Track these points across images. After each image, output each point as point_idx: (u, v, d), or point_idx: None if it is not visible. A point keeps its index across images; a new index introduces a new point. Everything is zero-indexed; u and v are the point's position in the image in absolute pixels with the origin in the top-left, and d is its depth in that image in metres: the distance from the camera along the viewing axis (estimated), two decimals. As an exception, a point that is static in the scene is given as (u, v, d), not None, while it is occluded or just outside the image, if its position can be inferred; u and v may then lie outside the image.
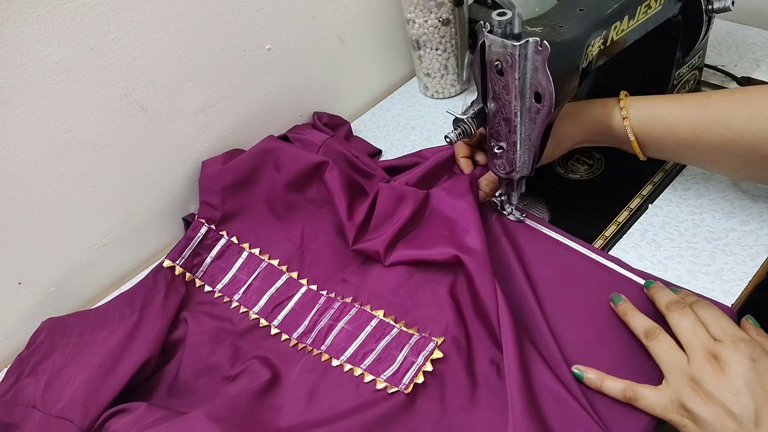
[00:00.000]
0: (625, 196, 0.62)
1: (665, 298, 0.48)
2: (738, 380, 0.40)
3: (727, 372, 0.41)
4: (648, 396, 0.44)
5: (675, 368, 0.44)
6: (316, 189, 0.65)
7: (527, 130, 0.51)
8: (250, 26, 0.65)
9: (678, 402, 0.42)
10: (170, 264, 0.60)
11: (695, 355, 0.43)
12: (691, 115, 0.52)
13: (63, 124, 0.55)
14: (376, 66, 0.82)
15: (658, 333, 0.46)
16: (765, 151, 0.49)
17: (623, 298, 0.51)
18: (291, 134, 0.72)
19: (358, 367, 0.51)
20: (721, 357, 0.42)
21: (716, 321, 0.45)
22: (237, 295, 0.60)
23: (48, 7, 0.50)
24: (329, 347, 0.54)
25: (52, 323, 0.57)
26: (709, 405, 0.41)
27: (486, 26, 0.47)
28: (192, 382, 0.54)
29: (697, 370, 0.42)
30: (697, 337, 0.44)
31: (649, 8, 0.54)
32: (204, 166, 0.66)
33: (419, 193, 0.60)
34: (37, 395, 0.52)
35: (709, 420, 0.40)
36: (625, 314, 0.49)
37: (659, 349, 0.45)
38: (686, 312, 0.46)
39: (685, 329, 0.45)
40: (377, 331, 0.54)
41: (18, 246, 0.58)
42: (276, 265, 0.61)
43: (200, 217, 0.63)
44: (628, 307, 0.50)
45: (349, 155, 0.68)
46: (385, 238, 0.59)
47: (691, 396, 0.42)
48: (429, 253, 0.57)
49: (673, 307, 0.47)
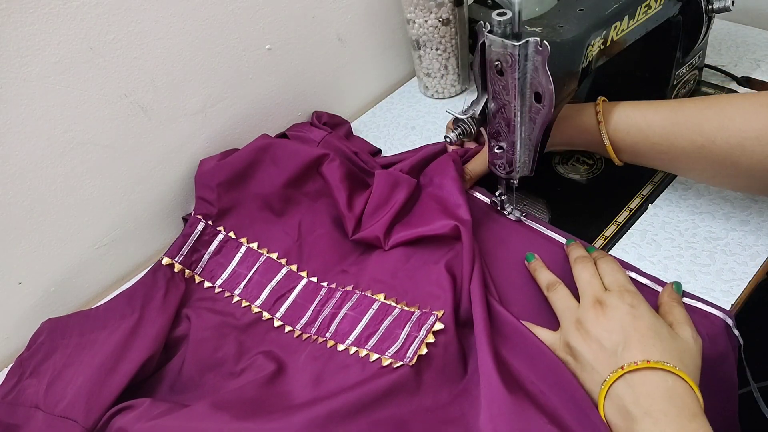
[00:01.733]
0: (625, 196, 0.62)
1: (575, 254, 0.53)
2: (614, 321, 0.45)
3: (607, 315, 0.46)
4: (541, 335, 0.49)
5: (566, 313, 0.49)
6: (312, 182, 0.65)
7: (527, 130, 0.51)
8: (250, 26, 0.65)
9: (565, 341, 0.47)
10: (169, 261, 0.60)
11: (585, 301, 0.48)
12: (663, 121, 0.53)
13: (63, 124, 0.55)
14: (376, 66, 0.82)
15: (558, 285, 0.51)
16: (736, 158, 0.49)
17: (536, 257, 0.56)
18: (290, 132, 0.72)
19: (363, 348, 0.52)
20: (605, 303, 0.47)
21: (612, 273, 0.50)
22: (238, 290, 0.60)
23: (48, 7, 0.50)
24: (334, 333, 0.54)
25: (52, 324, 0.57)
26: (587, 341, 0.45)
27: (486, 26, 0.47)
28: (197, 378, 0.54)
29: (583, 313, 0.47)
30: (590, 287, 0.49)
31: (649, 8, 0.54)
32: (201, 163, 0.66)
33: (411, 180, 0.62)
34: (39, 396, 0.52)
35: (585, 354, 0.45)
36: (534, 270, 0.55)
37: (556, 297, 0.51)
38: (588, 265, 0.51)
39: (583, 279, 0.50)
40: (379, 314, 0.54)
41: (18, 246, 0.58)
42: (275, 258, 0.61)
43: (197, 213, 0.63)
44: (538, 264, 0.55)
45: (348, 152, 0.68)
46: (383, 222, 0.59)
47: (574, 334, 0.46)
48: (429, 228, 0.58)
49: (579, 260, 0.52)
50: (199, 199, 0.64)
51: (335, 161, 0.63)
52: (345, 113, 0.79)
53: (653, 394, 0.41)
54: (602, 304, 0.46)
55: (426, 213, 0.60)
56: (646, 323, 0.45)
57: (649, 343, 0.43)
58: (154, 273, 0.59)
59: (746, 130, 0.48)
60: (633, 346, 0.43)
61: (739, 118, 0.49)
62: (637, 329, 0.44)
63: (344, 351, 0.52)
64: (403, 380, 0.48)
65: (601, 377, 0.43)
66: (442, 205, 0.60)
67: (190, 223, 0.62)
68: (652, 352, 0.43)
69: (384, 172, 0.63)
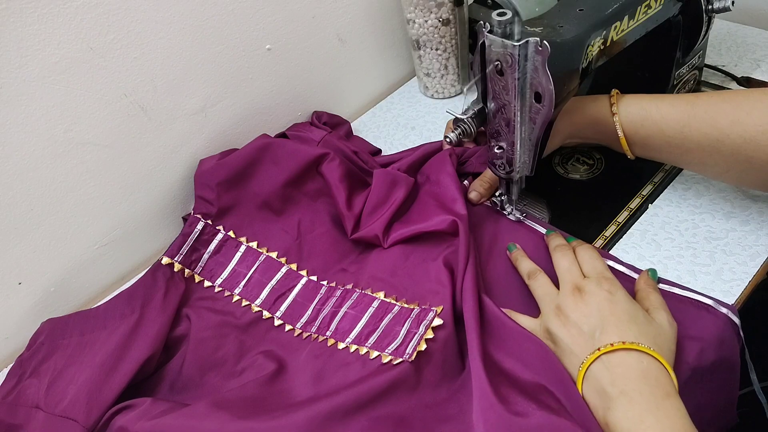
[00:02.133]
0: (625, 196, 0.62)
1: (554, 243, 0.54)
2: (592, 307, 0.46)
3: (586, 301, 0.47)
4: (523, 322, 0.50)
5: (546, 299, 0.50)
6: (312, 181, 0.65)
7: (527, 130, 0.51)
8: (250, 26, 0.65)
9: (545, 327, 0.48)
10: (168, 261, 0.60)
11: (564, 288, 0.49)
12: (679, 114, 0.53)
13: (63, 124, 0.55)
14: (376, 66, 0.82)
15: (538, 273, 0.52)
16: (750, 153, 0.49)
17: (517, 246, 0.57)
18: (289, 132, 0.72)
19: (363, 346, 0.52)
20: (583, 289, 0.48)
21: (590, 261, 0.51)
22: (238, 289, 0.60)
23: (48, 7, 0.50)
24: (334, 332, 0.54)
25: (52, 324, 0.57)
26: (566, 326, 0.46)
27: (486, 26, 0.47)
28: (197, 378, 0.54)
29: (562, 300, 0.48)
30: (570, 274, 0.50)
31: (649, 8, 0.54)
32: (200, 163, 0.66)
33: (409, 179, 0.63)
34: (39, 396, 0.52)
35: (564, 339, 0.46)
36: (515, 260, 0.55)
37: (536, 284, 0.52)
38: (567, 253, 0.52)
39: (562, 266, 0.51)
40: (379, 311, 0.54)
41: (18, 246, 0.58)
42: (275, 257, 0.61)
43: (196, 213, 0.63)
44: (520, 254, 0.56)
45: (348, 151, 0.68)
46: (381, 221, 0.60)
47: (554, 320, 0.47)
48: (428, 224, 0.58)
49: (558, 249, 0.53)
50: (198, 198, 0.64)
51: (335, 161, 0.63)
52: (345, 113, 0.79)
53: (628, 374, 0.42)
54: (581, 291, 0.48)
55: (424, 210, 0.61)
56: (623, 308, 0.46)
57: (625, 327, 0.44)
58: (154, 273, 0.59)
59: (762, 125, 0.48)
60: (609, 330, 0.44)
61: (756, 112, 0.49)
62: (613, 313, 0.45)
63: (344, 349, 0.52)
64: (402, 377, 0.48)
65: (579, 360, 0.45)
66: (439, 201, 0.60)
67: (189, 222, 0.62)
68: (627, 334, 0.44)
69: (382, 171, 0.63)
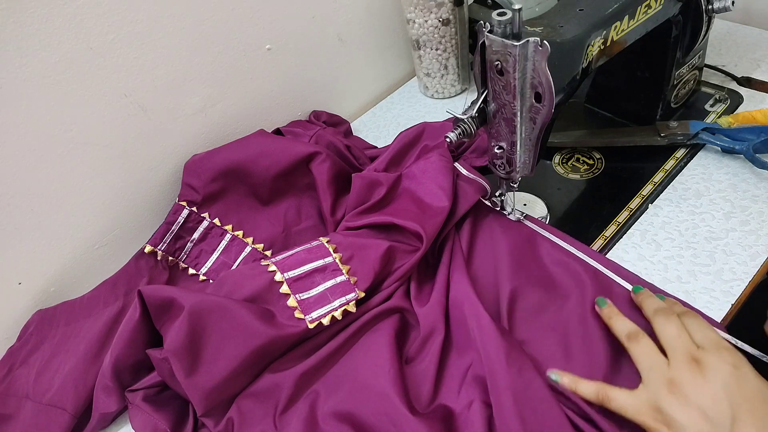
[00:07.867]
0: (625, 196, 0.62)
1: (653, 305, 0.48)
2: (717, 385, 0.39)
3: (707, 377, 0.40)
4: (620, 397, 0.43)
5: (654, 370, 0.43)
6: (302, 177, 0.65)
7: (527, 130, 0.51)
8: (250, 26, 0.65)
9: (653, 405, 0.41)
10: (151, 249, 0.60)
11: (677, 359, 0.42)
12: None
13: (63, 124, 0.55)
14: (376, 66, 0.82)
15: (641, 336, 0.45)
16: None
17: (608, 302, 0.50)
18: (284, 128, 0.72)
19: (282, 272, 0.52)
20: (702, 362, 0.41)
21: (701, 329, 0.44)
22: None
23: (48, 7, 0.50)
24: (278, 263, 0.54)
25: (41, 315, 0.58)
26: (686, 408, 0.39)
27: (486, 26, 0.47)
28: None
29: (677, 373, 0.41)
30: (680, 342, 0.43)
31: (649, 8, 0.54)
32: (192, 156, 0.66)
33: (390, 176, 0.61)
34: (29, 385, 0.53)
35: (685, 423, 0.39)
36: (609, 318, 0.49)
37: (640, 350, 0.44)
38: (672, 318, 0.45)
39: (669, 334, 0.44)
40: (316, 250, 0.54)
41: (18, 246, 0.58)
42: (260, 250, 0.61)
43: (181, 200, 0.63)
44: (613, 311, 0.49)
45: (340, 145, 0.68)
46: (356, 212, 0.59)
47: (668, 398, 0.40)
48: (398, 220, 0.57)
49: (660, 313, 0.46)
50: (184, 185, 0.64)
51: (326, 163, 0.63)
52: (345, 113, 0.79)
53: None
54: (699, 363, 0.41)
55: (402, 209, 0.59)
56: (754, 387, 0.39)
57: (762, 414, 0.38)
58: (137, 261, 0.60)
59: None
60: (744, 419, 0.38)
61: None
62: (744, 397, 0.39)
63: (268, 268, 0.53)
64: (295, 336, 0.49)
65: None
66: (419, 206, 0.59)
67: (173, 210, 0.62)
68: (766, 424, 0.37)
69: (359, 175, 0.62)
